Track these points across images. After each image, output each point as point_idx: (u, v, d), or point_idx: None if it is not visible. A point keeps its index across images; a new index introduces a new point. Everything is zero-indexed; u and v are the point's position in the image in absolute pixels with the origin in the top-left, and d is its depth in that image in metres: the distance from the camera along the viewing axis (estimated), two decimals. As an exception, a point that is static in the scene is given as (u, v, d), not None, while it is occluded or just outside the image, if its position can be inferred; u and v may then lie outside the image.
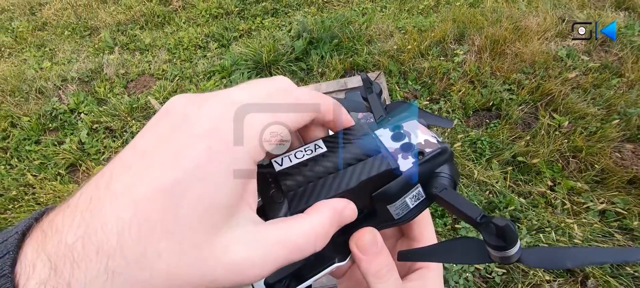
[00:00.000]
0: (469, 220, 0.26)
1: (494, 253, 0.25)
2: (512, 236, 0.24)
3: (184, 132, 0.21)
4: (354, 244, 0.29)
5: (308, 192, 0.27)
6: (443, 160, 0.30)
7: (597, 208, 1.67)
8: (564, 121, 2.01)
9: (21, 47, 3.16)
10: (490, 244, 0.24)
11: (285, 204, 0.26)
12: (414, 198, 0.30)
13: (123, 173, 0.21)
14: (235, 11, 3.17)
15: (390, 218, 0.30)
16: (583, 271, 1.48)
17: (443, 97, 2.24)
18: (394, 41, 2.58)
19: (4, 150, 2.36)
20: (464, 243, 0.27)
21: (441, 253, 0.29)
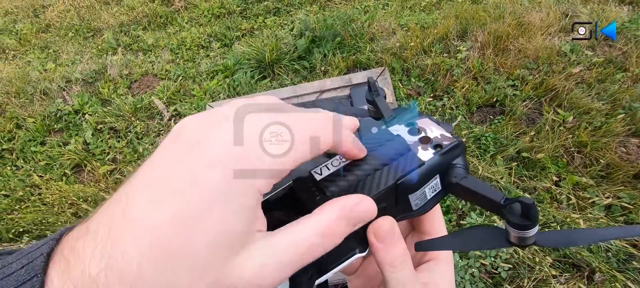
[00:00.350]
0: (491, 204, 0.28)
1: (516, 233, 0.26)
2: (536, 215, 0.25)
3: (198, 157, 0.22)
4: (371, 233, 0.29)
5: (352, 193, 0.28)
6: (459, 153, 0.32)
7: (602, 203, 1.67)
8: (569, 116, 2.00)
9: (25, 49, 3.18)
10: (513, 224, 0.26)
11: None
12: (431, 189, 0.31)
13: (139, 199, 0.21)
14: (237, 11, 3.17)
15: (409, 209, 0.31)
16: (589, 265, 1.48)
17: (446, 94, 2.24)
18: (397, 38, 2.57)
19: (10, 152, 2.38)
20: (480, 231, 0.28)
21: (458, 241, 0.30)
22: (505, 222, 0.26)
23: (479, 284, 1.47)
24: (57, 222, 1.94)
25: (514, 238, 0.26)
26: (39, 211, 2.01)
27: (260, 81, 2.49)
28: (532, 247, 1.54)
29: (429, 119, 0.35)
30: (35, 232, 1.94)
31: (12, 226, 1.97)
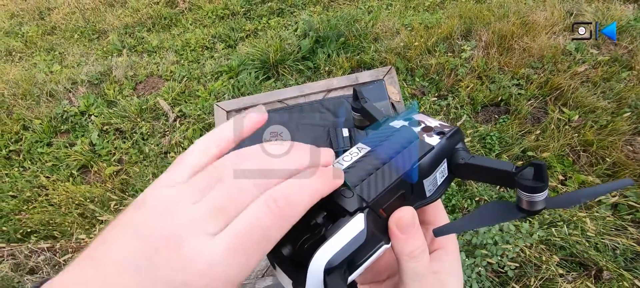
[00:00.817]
0: (502, 176, 0.29)
1: (527, 198, 0.27)
2: (547, 175, 0.26)
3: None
4: (394, 223, 0.29)
5: (373, 182, 0.29)
6: (459, 138, 0.33)
7: (609, 201, 1.66)
8: (574, 115, 2.00)
9: (31, 52, 3.20)
10: (526, 188, 0.27)
11: (356, 197, 0.28)
12: (441, 175, 0.32)
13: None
14: (241, 12, 3.19)
15: (423, 196, 0.32)
16: (596, 264, 1.48)
17: (451, 93, 2.24)
18: (401, 38, 2.57)
19: (17, 153, 2.40)
20: (492, 206, 0.29)
21: (473, 220, 0.30)
22: (517, 190, 0.27)
23: (486, 283, 1.46)
24: (64, 222, 1.95)
25: (525, 204, 0.27)
26: (46, 211, 2.02)
27: (264, 81, 2.49)
28: (539, 246, 1.53)
29: (422, 114, 0.36)
30: (42, 232, 1.95)
31: (20, 226, 1.98)
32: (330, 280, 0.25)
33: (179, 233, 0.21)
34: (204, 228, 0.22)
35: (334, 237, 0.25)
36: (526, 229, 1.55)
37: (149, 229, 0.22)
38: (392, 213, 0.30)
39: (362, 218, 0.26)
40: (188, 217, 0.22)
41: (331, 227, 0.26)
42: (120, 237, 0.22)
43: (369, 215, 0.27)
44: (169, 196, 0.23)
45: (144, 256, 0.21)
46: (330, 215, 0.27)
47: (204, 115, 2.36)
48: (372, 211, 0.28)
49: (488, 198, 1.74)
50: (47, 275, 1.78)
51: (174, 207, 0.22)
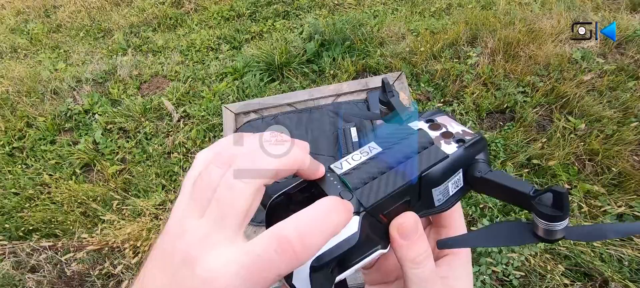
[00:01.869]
0: (519, 197, 0.27)
1: (545, 226, 0.25)
2: (568, 205, 0.24)
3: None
4: (395, 229, 0.29)
5: (375, 187, 0.28)
6: (481, 148, 0.32)
7: (614, 212, 1.65)
8: (580, 124, 1.99)
9: (36, 49, 3.21)
10: (544, 216, 0.25)
11: (354, 200, 0.27)
12: (454, 185, 0.31)
13: None
14: (246, 13, 3.19)
15: (431, 205, 0.31)
16: (602, 275, 1.47)
17: (456, 99, 2.23)
18: (406, 43, 2.57)
19: (20, 150, 2.40)
20: (505, 226, 0.28)
21: (482, 238, 0.29)
22: (534, 215, 0.26)
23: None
24: (66, 221, 1.95)
25: (542, 232, 0.26)
26: (49, 209, 2.02)
27: (269, 84, 2.49)
28: (544, 256, 1.52)
29: (447, 115, 0.35)
30: (44, 230, 1.94)
31: (21, 224, 1.98)
32: (315, 278, 0.25)
33: (193, 254, 0.22)
34: (212, 243, 0.22)
35: None
36: (531, 238, 1.54)
37: (170, 253, 0.23)
38: (394, 219, 0.29)
39: (356, 222, 0.26)
40: (196, 235, 0.22)
41: None
42: (153, 268, 0.24)
43: (366, 219, 0.27)
44: (178, 216, 0.24)
45: (170, 281, 0.22)
46: None
47: (208, 116, 2.36)
48: (371, 215, 0.27)
49: (492, 205, 1.73)
50: (49, 273, 1.77)
51: (185, 229, 0.23)
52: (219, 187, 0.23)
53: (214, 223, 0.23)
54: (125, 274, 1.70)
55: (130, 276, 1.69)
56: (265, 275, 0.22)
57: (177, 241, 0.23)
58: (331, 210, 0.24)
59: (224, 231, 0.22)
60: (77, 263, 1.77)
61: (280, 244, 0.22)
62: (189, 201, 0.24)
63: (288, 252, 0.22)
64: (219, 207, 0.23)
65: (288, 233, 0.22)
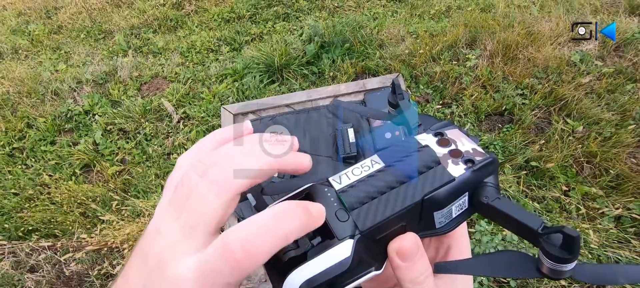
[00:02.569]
0: (526, 231, 0.26)
1: (551, 266, 0.24)
2: (579, 249, 0.23)
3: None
4: (394, 251, 0.28)
5: (373, 209, 0.26)
6: (492, 171, 0.29)
7: (612, 213, 1.65)
8: (578, 126, 1.99)
9: (37, 50, 3.22)
10: (551, 256, 0.23)
11: (350, 221, 0.26)
12: (458, 208, 0.29)
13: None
14: (247, 15, 3.20)
15: (432, 227, 0.29)
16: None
17: (455, 101, 2.24)
18: (406, 45, 2.58)
19: (20, 151, 2.41)
20: (508, 256, 0.26)
21: (482, 266, 0.28)
22: (541, 252, 0.24)
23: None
24: (65, 221, 1.95)
25: (546, 270, 0.24)
26: (48, 210, 2.02)
27: (268, 85, 2.50)
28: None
29: (459, 130, 0.32)
30: (44, 230, 1.95)
31: (21, 224, 1.98)
32: None
33: (164, 257, 0.22)
34: (182, 249, 0.22)
35: (315, 260, 0.24)
36: (529, 239, 1.54)
37: (146, 254, 0.24)
38: (393, 241, 0.28)
39: (349, 246, 0.25)
40: (169, 239, 0.23)
41: (316, 248, 0.25)
42: (132, 265, 0.25)
43: (361, 243, 0.25)
44: (158, 217, 0.25)
45: (144, 280, 0.23)
46: (320, 230, 0.25)
47: (207, 117, 2.37)
48: (366, 238, 0.26)
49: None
50: (48, 273, 1.77)
51: (160, 230, 0.24)
52: (191, 196, 0.24)
53: (185, 230, 0.23)
54: (124, 274, 1.71)
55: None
56: (214, 282, 0.21)
57: (153, 243, 0.24)
58: (282, 216, 0.22)
59: (193, 239, 0.23)
60: (76, 263, 1.77)
61: (224, 252, 0.21)
62: (167, 205, 0.25)
63: (230, 261, 0.21)
64: (189, 216, 0.23)
65: (230, 241, 0.21)
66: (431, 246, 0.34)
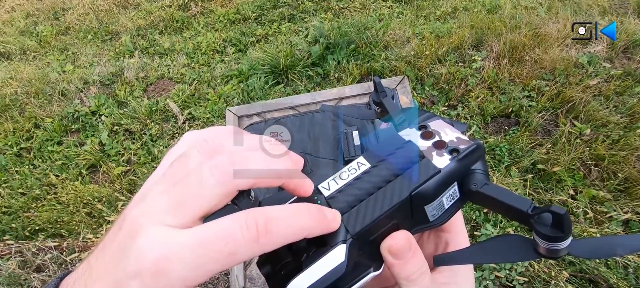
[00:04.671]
0: (516, 214, 0.25)
1: (546, 246, 0.24)
2: (570, 225, 0.23)
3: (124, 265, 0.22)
4: (386, 250, 0.28)
5: (362, 211, 0.27)
6: (478, 157, 0.29)
7: (620, 218, 1.63)
8: (586, 129, 1.97)
9: (45, 51, 3.25)
10: (543, 236, 0.23)
11: (341, 227, 0.26)
12: (449, 198, 0.29)
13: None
14: (252, 17, 3.21)
15: (425, 221, 0.29)
16: (607, 281, 1.45)
17: (461, 103, 2.22)
18: (411, 47, 2.57)
19: (28, 151, 2.43)
20: (505, 241, 0.26)
21: (481, 254, 0.28)
22: (534, 233, 0.24)
23: (493, 297, 1.45)
24: (71, 221, 1.97)
25: (543, 250, 0.24)
26: (55, 210, 2.04)
27: (274, 87, 2.50)
28: (548, 261, 1.51)
29: (442, 120, 0.33)
30: (50, 230, 1.96)
31: (28, 224, 2.00)
32: None
33: (140, 222, 0.22)
34: (162, 219, 0.22)
35: (310, 268, 0.24)
36: (535, 243, 1.53)
37: (124, 217, 0.23)
38: (384, 240, 0.28)
39: (343, 251, 0.25)
40: (151, 207, 0.22)
41: (310, 256, 0.25)
42: (110, 230, 0.24)
43: (354, 246, 0.25)
44: (147, 186, 0.24)
45: (116, 243, 0.22)
46: (314, 240, 0.25)
47: (213, 118, 2.37)
48: (359, 240, 0.26)
49: (497, 211, 1.72)
50: (54, 273, 1.79)
51: (145, 197, 0.23)
52: (191, 174, 0.23)
53: (172, 204, 0.22)
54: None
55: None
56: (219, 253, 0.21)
57: (134, 207, 0.23)
58: (303, 213, 0.24)
59: (179, 215, 0.22)
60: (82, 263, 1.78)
61: (247, 221, 0.22)
62: (161, 177, 0.24)
63: (251, 232, 0.21)
64: (182, 192, 0.22)
65: (256, 214, 0.22)
66: (430, 241, 0.34)
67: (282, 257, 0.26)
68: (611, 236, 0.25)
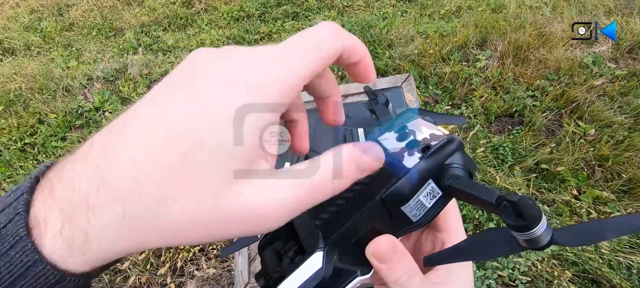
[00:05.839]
0: (486, 206, 0.25)
1: (519, 236, 0.22)
2: (531, 211, 0.21)
3: (203, 80, 0.21)
4: (370, 254, 0.28)
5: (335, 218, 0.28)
6: (452, 151, 0.28)
7: (624, 218, 1.63)
8: (590, 129, 1.97)
9: (49, 47, 3.26)
10: (512, 227, 0.22)
11: (319, 233, 0.27)
12: (429, 196, 0.28)
13: (137, 119, 0.20)
14: (256, 14, 3.21)
15: (408, 222, 0.29)
16: (610, 282, 1.45)
17: (464, 103, 2.22)
18: (415, 46, 2.57)
19: (32, 146, 2.44)
20: (490, 235, 0.25)
21: (469, 250, 0.27)
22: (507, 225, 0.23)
23: (496, 296, 1.44)
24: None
25: (522, 241, 0.23)
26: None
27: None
28: (551, 261, 1.51)
29: (420, 118, 0.32)
30: (54, 225, 1.97)
31: (32, 219, 2.01)
32: None
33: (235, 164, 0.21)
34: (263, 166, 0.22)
35: (292, 276, 0.25)
36: (538, 243, 1.53)
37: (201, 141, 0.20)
38: (368, 245, 0.28)
39: (319, 257, 0.26)
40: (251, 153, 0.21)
41: (291, 265, 0.26)
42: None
43: (332, 252, 0.26)
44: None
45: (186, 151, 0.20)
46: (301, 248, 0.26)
47: (216, 115, 2.38)
48: (337, 247, 0.26)
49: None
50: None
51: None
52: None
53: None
54: (132, 270, 1.72)
55: (137, 272, 1.71)
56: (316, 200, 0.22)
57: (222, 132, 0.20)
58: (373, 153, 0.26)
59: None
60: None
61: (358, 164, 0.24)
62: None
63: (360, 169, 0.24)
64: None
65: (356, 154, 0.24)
66: (428, 241, 0.34)
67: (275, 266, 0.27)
68: (600, 220, 0.24)
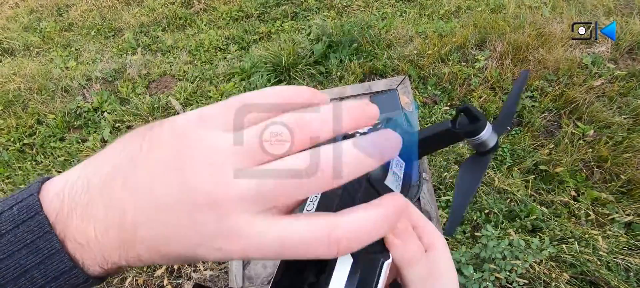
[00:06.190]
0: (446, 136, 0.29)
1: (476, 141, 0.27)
2: (478, 111, 0.26)
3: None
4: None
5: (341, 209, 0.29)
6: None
7: (623, 220, 1.63)
8: (589, 130, 1.96)
9: (48, 47, 3.26)
10: (468, 133, 0.27)
11: None
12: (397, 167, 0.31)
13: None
14: (255, 14, 3.20)
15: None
16: (608, 284, 1.44)
17: (463, 103, 2.21)
18: (414, 46, 2.56)
19: (30, 147, 2.44)
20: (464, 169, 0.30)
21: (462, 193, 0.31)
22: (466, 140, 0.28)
23: (493, 298, 1.44)
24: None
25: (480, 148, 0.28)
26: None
27: (276, 85, 2.50)
28: (549, 263, 1.51)
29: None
30: (52, 226, 1.97)
31: (30, 219, 2.01)
32: None
33: (226, 206, 0.20)
34: (251, 209, 0.21)
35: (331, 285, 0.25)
36: (536, 245, 1.53)
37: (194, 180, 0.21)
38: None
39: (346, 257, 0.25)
40: (236, 193, 0.20)
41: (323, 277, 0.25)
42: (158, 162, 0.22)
43: None
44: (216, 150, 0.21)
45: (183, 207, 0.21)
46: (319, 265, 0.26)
47: (214, 116, 2.38)
48: None
49: (498, 211, 1.71)
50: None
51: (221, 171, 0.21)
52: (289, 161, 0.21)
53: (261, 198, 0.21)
54: (130, 271, 1.72)
55: (134, 273, 1.71)
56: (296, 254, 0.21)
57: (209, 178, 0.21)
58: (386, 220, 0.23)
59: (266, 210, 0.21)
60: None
61: (329, 240, 0.21)
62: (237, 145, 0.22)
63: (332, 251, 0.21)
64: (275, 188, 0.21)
65: (340, 235, 0.21)
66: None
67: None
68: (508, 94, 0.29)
